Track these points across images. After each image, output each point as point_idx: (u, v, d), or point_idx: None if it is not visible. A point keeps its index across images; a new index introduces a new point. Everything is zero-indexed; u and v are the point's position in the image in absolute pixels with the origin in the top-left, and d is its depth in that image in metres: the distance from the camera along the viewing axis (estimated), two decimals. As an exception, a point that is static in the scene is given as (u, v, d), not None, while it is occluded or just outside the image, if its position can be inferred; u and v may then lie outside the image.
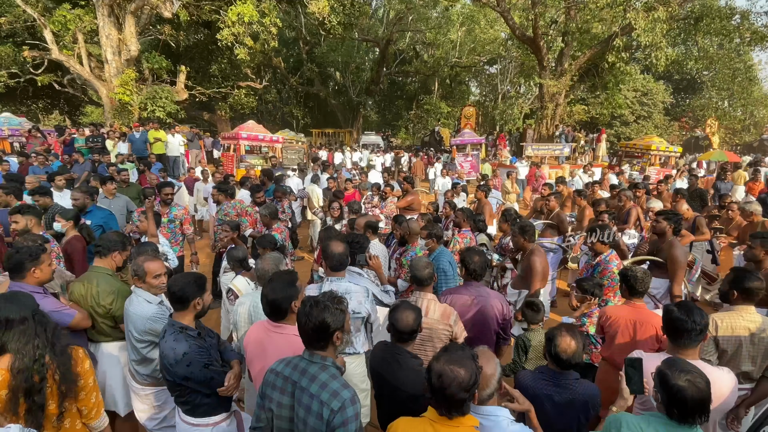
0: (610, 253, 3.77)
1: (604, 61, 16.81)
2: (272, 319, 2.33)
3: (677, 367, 1.75)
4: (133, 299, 2.72)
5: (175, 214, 5.33)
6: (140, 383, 2.73)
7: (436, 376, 1.65)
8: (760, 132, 26.55)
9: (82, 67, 16.22)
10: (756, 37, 14.26)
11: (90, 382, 2.13)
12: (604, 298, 3.70)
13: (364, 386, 2.98)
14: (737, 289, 2.76)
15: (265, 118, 29.29)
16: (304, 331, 1.87)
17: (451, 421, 1.67)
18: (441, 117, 28.66)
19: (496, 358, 1.92)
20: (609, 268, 3.69)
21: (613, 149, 21.22)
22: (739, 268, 2.94)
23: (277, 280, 2.33)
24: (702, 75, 27.34)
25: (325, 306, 1.85)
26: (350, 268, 3.32)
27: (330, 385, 1.78)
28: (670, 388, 1.71)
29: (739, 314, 2.72)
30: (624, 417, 1.84)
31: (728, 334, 2.67)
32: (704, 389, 1.68)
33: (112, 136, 12.01)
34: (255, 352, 2.37)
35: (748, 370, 2.68)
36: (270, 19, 16.43)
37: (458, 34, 25.94)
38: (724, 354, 2.71)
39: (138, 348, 2.64)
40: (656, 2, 13.54)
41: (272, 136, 14.95)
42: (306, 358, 1.89)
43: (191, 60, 23.16)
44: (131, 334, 2.65)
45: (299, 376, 1.85)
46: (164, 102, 16.26)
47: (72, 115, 26.72)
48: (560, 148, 16.76)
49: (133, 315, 2.64)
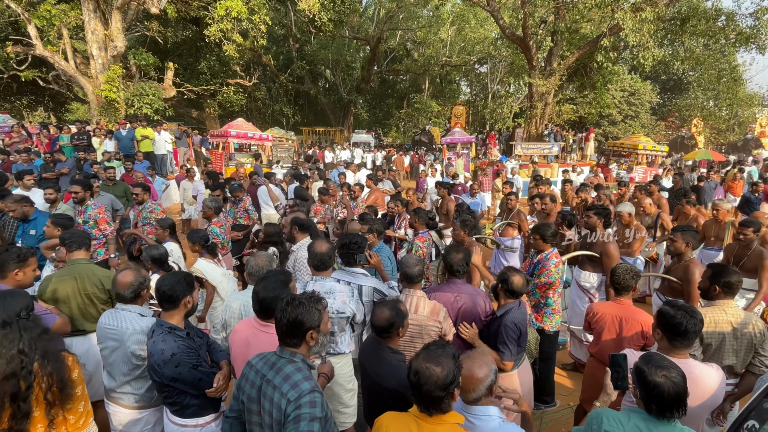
0: (552, 251, 3.81)
1: (592, 60, 16.99)
2: (260, 317, 2.32)
3: (654, 363, 1.77)
4: (120, 317, 2.49)
5: (90, 213, 5.00)
6: (132, 407, 2.50)
7: (413, 373, 1.66)
8: (744, 132, 27.05)
9: (67, 63, 15.95)
10: (741, 39, 14.50)
11: (79, 391, 2.08)
12: (544, 295, 3.75)
13: (350, 386, 2.98)
14: (718, 284, 2.82)
15: (255, 115, 29.06)
16: (279, 327, 1.88)
17: (432, 418, 1.66)
18: (432, 116, 28.73)
19: (493, 364, 1.88)
20: (548, 266, 3.72)
21: (601, 148, 21.46)
22: (716, 264, 3.00)
23: (269, 279, 2.31)
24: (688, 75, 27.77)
25: (301, 303, 1.86)
26: (352, 269, 3.31)
27: (292, 378, 1.78)
28: (647, 384, 1.74)
29: (722, 309, 2.78)
30: (605, 412, 1.87)
31: (711, 328, 2.72)
32: (680, 384, 1.70)
33: (98, 134, 11.83)
34: (240, 350, 2.36)
35: (731, 364, 2.73)
36: (260, 16, 16.31)
37: (448, 33, 26.00)
38: (708, 348, 2.76)
39: (136, 365, 2.42)
40: (644, 3, 13.71)
41: (262, 134, 14.87)
42: (277, 353, 1.90)
43: (179, 57, 22.90)
44: (129, 355, 2.40)
45: (268, 369, 1.87)
46: (151, 99, 16.06)
47: (57, 112, 26.24)
48: (549, 147, 16.92)
49: (130, 332, 2.41)
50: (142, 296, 2.57)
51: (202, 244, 4.13)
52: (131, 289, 2.50)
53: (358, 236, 3.43)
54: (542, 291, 3.73)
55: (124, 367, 2.43)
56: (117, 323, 2.46)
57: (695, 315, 2.18)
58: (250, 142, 14.48)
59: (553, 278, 3.69)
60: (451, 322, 2.94)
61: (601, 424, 1.81)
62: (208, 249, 4.16)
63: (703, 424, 2.39)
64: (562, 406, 3.90)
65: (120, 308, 2.54)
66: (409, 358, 2.75)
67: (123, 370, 2.44)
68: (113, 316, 2.51)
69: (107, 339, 2.46)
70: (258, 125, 20.40)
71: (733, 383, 2.78)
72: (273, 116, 31.42)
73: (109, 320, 2.49)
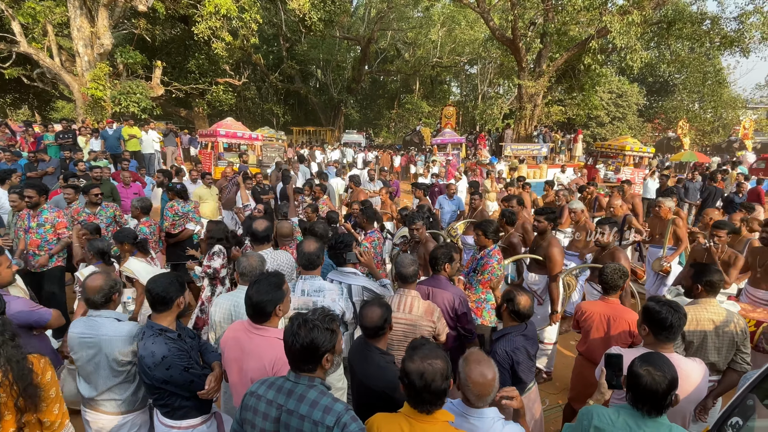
0: (494, 248, 3.87)
1: (580, 62, 17.17)
2: (254, 321, 2.27)
3: (644, 359, 1.83)
4: (96, 324, 2.39)
5: (46, 217, 4.64)
6: (115, 413, 2.44)
7: (419, 376, 1.65)
8: (728, 133, 27.58)
9: (52, 60, 15.68)
10: (725, 42, 14.80)
11: (52, 393, 2.01)
12: (484, 291, 3.81)
13: (340, 385, 2.99)
14: (700, 283, 2.88)
15: (244, 115, 28.88)
16: (291, 352, 1.74)
17: (428, 416, 1.68)
18: (422, 116, 28.82)
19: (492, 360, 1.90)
20: (490, 262, 3.77)
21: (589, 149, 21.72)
22: (698, 263, 3.06)
23: (263, 282, 2.26)
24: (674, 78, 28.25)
25: (315, 326, 1.71)
26: (343, 269, 3.36)
27: (321, 402, 1.66)
28: (630, 373, 1.81)
29: (704, 307, 2.84)
30: (595, 409, 1.91)
31: (693, 327, 2.78)
32: (661, 382, 1.74)
33: (84, 133, 11.65)
34: (233, 354, 2.29)
35: (713, 361, 2.79)
36: (250, 14, 16.22)
37: (439, 34, 26.12)
38: (691, 345, 2.82)
39: (119, 371, 2.37)
40: (631, 6, 13.92)
41: (251, 134, 14.76)
42: (291, 379, 1.75)
43: (167, 55, 22.64)
44: (111, 363, 2.34)
45: (285, 398, 1.70)
46: (138, 97, 15.86)
47: (42, 110, 25.78)
48: (538, 148, 17.08)
49: (108, 339, 2.34)
50: (113, 300, 2.48)
51: (131, 242, 4.11)
52: (102, 294, 2.42)
53: (345, 235, 3.46)
54: (484, 287, 3.80)
55: (105, 374, 2.36)
56: (93, 331, 2.36)
57: (679, 310, 2.27)
58: (239, 141, 14.37)
59: (496, 274, 3.76)
60: (445, 323, 2.97)
61: (592, 419, 1.85)
62: (138, 246, 4.16)
63: (689, 418, 2.44)
64: (551, 405, 3.94)
65: (94, 315, 2.44)
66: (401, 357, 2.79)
67: (104, 378, 2.37)
68: (87, 324, 2.40)
69: (82, 347, 2.37)
70: (248, 125, 20.26)
71: (715, 380, 2.84)
72: (263, 116, 31.25)
73: (82, 328, 2.39)
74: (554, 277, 4.16)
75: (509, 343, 2.59)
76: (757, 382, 2.14)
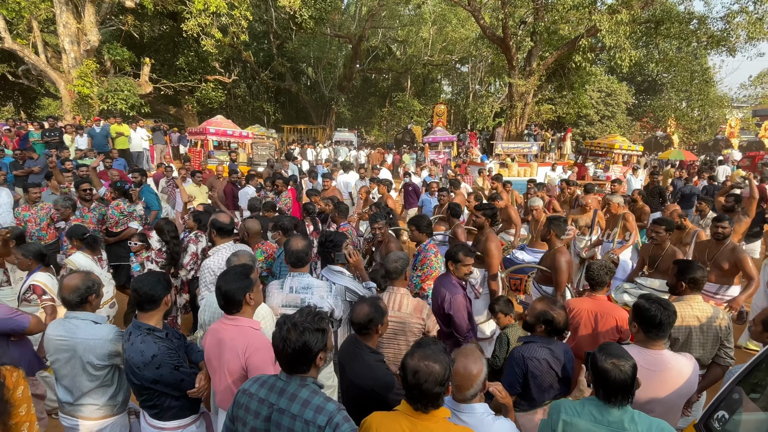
0: (429, 242, 3.93)
1: (570, 61, 17.27)
2: (227, 312, 2.27)
3: (606, 352, 1.86)
4: (71, 326, 2.33)
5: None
6: (94, 418, 2.38)
7: (412, 373, 1.66)
8: (714, 132, 27.95)
9: (37, 57, 15.40)
10: (712, 42, 14.99)
11: (22, 410, 1.89)
12: (423, 287, 3.85)
13: (330, 383, 3.00)
14: (684, 281, 2.92)
15: (235, 113, 28.63)
16: (283, 356, 1.71)
17: (427, 415, 1.69)
18: (414, 114, 28.81)
19: (483, 357, 1.92)
20: (428, 256, 3.84)
21: (579, 148, 21.88)
22: (682, 261, 3.10)
23: (230, 272, 2.28)
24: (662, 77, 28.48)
25: (305, 328, 1.68)
26: (331, 267, 3.35)
27: (313, 402, 1.66)
28: (597, 370, 1.83)
29: (688, 304, 2.88)
30: (563, 402, 1.96)
31: (678, 323, 2.82)
32: (627, 372, 1.77)
33: (70, 130, 11.47)
34: (212, 351, 2.28)
35: (698, 356, 2.83)
36: (240, 11, 16.07)
37: (430, 33, 26.13)
38: (676, 342, 2.87)
39: (95, 375, 2.31)
40: (620, 5, 14.04)
41: (242, 132, 14.67)
42: (282, 378, 1.75)
43: (156, 52, 22.36)
44: (86, 366, 2.28)
45: (277, 397, 1.70)
46: (126, 95, 15.64)
47: (27, 108, 25.33)
48: (529, 147, 17.18)
49: (86, 342, 2.27)
50: (89, 302, 2.40)
51: (80, 239, 4.16)
52: (77, 294, 2.35)
53: (336, 234, 3.45)
54: (424, 282, 3.84)
55: (81, 379, 2.29)
56: (68, 333, 2.29)
57: (669, 307, 2.30)
58: (229, 139, 14.27)
59: (434, 267, 3.80)
60: (435, 319, 2.98)
61: (560, 413, 1.91)
62: (86, 243, 4.17)
63: (680, 413, 2.47)
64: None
65: (70, 316, 2.37)
66: (392, 354, 2.79)
67: (80, 383, 2.30)
68: (62, 326, 2.33)
69: (58, 351, 2.30)
70: (238, 123, 20.09)
71: (700, 374, 2.88)
72: (253, 113, 31.00)
73: (58, 331, 2.32)
74: (494, 274, 4.21)
75: (530, 350, 2.50)
76: (742, 376, 2.19)
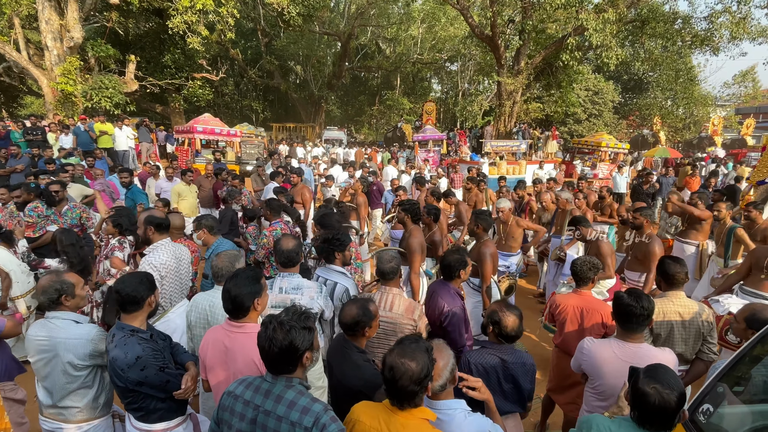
0: None
1: (558, 60, 17.42)
2: (232, 317, 2.22)
3: (650, 375, 1.71)
4: (51, 326, 2.28)
5: None
6: (76, 421, 2.34)
7: (388, 369, 1.66)
8: (698, 130, 28.44)
9: (19, 54, 15.08)
10: (696, 41, 15.26)
11: None
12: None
13: (320, 383, 2.97)
14: (662, 276, 2.98)
15: (222, 111, 28.38)
16: (269, 357, 1.68)
17: (403, 411, 1.69)
18: (403, 113, 28.84)
19: (450, 350, 1.92)
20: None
21: (566, 146, 22.11)
22: (663, 257, 3.14)
23: (241, 276, 2.22)
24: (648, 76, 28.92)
25: (291, 327, 1.66)
26: (332, 266, 3.23)
27: (299, 403, 1.63)
28: (637, 390, 1.70)
29: (670, 300, 2.92)
30: (595, 419, 1.86)
31: (660, 318, 2.86)
32: (669, 401, 1.63)
33: (54, 129, 11.26)
34: (217, 360, 2.22)
35: (681, 351, 2.88)
36: (227, 8, 15.91)
37: (419, 31, 26.15)
38: (658, 337, 2.91)
39: (75, 376, 2.27)
40: (606, 5, 14.20)
41: (230, 130, 14.53)
42: (268, 380, 1.72)
43: (142, 49, 22.02)
44: (66, 366, 2.24)
45: (262, 398, 1.67)
46: (111, 92, 15.39)
47: (9, 106, 24.82)
48: (517, 145, 17.31)
49: (64, 342, 2.24)
50: (63, 302, 2.34)
51: None
52: (46, 296, 2.31)
53: (342, 233, 3.35)
54: None
55: (61, 380, 2.25)
56: (48, 333, 2.26)
57: (641, 299, 2.33)
58: (217, 138, 14.13)
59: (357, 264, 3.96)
60: (426, 321, 2.98)
61: (590, 430, 1.81)
62: (2, 237, 4.19)
63: None
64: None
65: (51, 317, 2.32)
66: (382, 354, 2.78)
67: (60, 384, 2.26)
68: (43, 326, 2.29)
69: (39, 351, 2.26)
70: (226, 121, 19.92)
71: (683, 369, 2.94)
72: (242, 112, 30.79)
73: (38, 331, 2.28)
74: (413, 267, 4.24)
75: (479, 356, 2.42)
76: (726, 371, 2.23)
